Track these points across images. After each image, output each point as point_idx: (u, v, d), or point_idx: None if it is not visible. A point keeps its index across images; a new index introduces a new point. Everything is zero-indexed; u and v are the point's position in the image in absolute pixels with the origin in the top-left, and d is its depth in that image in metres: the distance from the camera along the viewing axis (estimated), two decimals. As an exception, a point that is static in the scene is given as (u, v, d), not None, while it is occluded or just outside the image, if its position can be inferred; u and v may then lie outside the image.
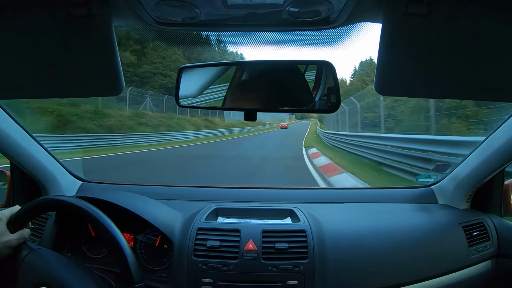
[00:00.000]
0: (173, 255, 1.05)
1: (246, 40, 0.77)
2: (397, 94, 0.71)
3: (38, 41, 0.63)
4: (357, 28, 0.71)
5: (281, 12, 0.65)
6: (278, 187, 1.60)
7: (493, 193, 1.30)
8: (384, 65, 0.62)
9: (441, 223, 1.22)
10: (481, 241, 1.19)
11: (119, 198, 1.14)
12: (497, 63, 0.60)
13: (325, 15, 0.66)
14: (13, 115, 1.18)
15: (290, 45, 0.78)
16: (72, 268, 0.85)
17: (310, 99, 0.75)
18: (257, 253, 1.01)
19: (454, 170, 1.36)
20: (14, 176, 1.38)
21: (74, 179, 1.51)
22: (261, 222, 1.14)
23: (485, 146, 1.19)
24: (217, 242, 1.04)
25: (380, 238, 1.10)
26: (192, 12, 0.65)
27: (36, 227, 1.20)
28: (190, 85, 0.81)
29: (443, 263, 1.11)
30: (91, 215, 0.85)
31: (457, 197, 1.33)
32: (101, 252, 1.16)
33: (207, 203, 1.29)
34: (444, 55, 0.59)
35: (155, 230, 1.10)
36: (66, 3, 0.57)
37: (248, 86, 0.78)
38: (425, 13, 0.54)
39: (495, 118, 5.14)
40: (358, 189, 1.57)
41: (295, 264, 1.00)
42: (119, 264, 0.82)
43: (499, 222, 1.25)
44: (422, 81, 0.64)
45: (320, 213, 1.20)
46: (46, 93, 0.79)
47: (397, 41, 0.59)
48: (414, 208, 1.36)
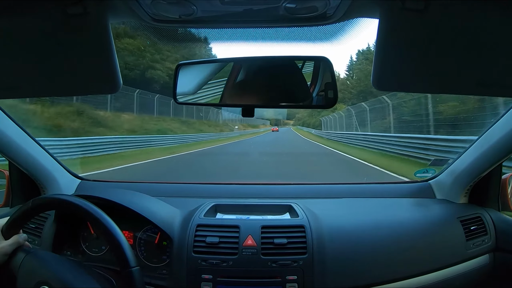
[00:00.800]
0: (172, 252, 1.06)
1: (243, 37, 0.77)
2: (394, 89, 0.72)
3: (34, 40, 0.63)
4: (354, 24, 0.71)
5: (278, 8, 0.65)
6: (277, 182, 1.60)
7: (490, 187, 1.31)
8: (381, 60, 0.62)
9: (439, 218, 1.22)
10: (479, 235, 1.20)
11: (117, 196, 1.15)
12: (493, 58, 0.60)
13: (322, 11, 0.66)
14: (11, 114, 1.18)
15: (287, 41, 0.78)
16: (71, 266, 0.86)
17: (308, 95, 0.75)
18: (256, 249, 1.02)
19: (452, 165, 1.37)
20: (12, 175, 1.38)
21: (73, 178, 1.51)
22: (260, 218, 1.15)
23: (483, 140, 1.20)
24: (217, 238, 1.04)
25: (378, 233, 1.11)
26: (189, 9, 0.65)
27: (35, 226, 1.20)
28: (187, 82, 0.81)
29: (441, 257, 1.12)
30: (90, 213, 0.86)
31: (455, 192, 1.34)
32: (101, 250, 1.16)
33: (206, 199, 1.29)
34: (440, 50, 0.59)
35: (154, 227, 1.11)
36: (62, 2, 0.57)
37: (246, 82, 0.78)
38: (422, 9, 0.54)
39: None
40: (356, 184, 1.58)
41: (294, 259, 1.01)
42: (114, 253, 0.83)
43: (496, 216, 1.26)
44: (418, 76, 0.64)
45: (318, 209, 1.20)
46: (43, 92, 0.79)
47: (394, 37, 0.59)
48: (412, 203, 1.37)
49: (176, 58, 20.31)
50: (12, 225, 0.89)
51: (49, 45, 0.63)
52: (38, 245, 1.17)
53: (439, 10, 0.54)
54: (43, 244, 1.16)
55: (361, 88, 26.18)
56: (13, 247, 0.86)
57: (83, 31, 0.61)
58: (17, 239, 0.88)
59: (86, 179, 1.55)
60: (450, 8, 0.54)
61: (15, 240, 0.87)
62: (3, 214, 1.32)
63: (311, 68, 0.75)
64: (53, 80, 0.70)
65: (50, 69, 0.67)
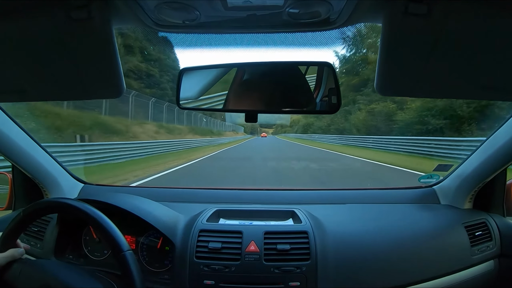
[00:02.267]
0: (175, 257, 1.05)
1: (247, 42, 0.77)
2: (398, 94, 0.71)
3: (39, 44, 0.63)
4: (357, 28, 0.71)
5: (281, 14, 0.65)
6: (280, 188, 1.60)
7: (495, 192, 1.29)
8: (384, 65, 0.62)
9: (443, 224, 1.21)
10: (484, 241, 1.19)
11: (120, 200, 1.15)
12: (497, 62, 0.60)
13: (325, 16, 0.66)
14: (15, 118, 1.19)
15: (290, 46, 0.78)
16: (72, 269, 0.86)
17: (311, 100, 0.75)
18: (259, 255, 1.01)
19: (456, 170, 1.36)
20: (15, 178, 1.38)
21: (76, 182, 1.51)
22: (262, 224, 1.14)
23: (487, 145, 1.19)
24: (219, 244, 1.04)
25: (382, 239, 1.10)
26: (192, 14, 0.65)
27: (37, 230, 1.20)
28: (191, 87, 0.81)
29: (446, 263, 1.11)
30: (91, 217, 0.86)
31: (459, 197, 1.33)
32: (103, 255, 1.16)
33: (209, 205, 1.29)
34: (444, 54, 0.59)
35: (157, 232, 1.10)
36: (66, 6, 0.57)
37: (249, 87, 0.78)
38: (425, 13, 0.54)
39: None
40: (359, 189, 1.57)
41: (297, 265, 1.00)
42: (115, 256, 0.83)
43: (501, 222, 1.25)
44: (422, 81, 0.64)
45: (322, 214, 1.19)
46: (47, 96, 0.79)
47: (397, 41, 0.59)
48: (416, 209, 1.36)
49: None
50: (6, 239, 0.90)
51: (53, 49, 0.63)
52: (40, 249, 1.17)
53: (442, 15, 0.54)
54: (45, 247, 1.16)
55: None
56: (7, 260, 0.86)
57: (87, 35, 0.62)
58: (13, 253, 0.88)
59: (89, 183, 1.56)
60: (453, 12, 0.53)
61: (10, 254, 0.87)
62: (5, 217, 1.32)
63: (315, 74, 0.75)
64: (57, 84, 0.71)
65: (54, 73, 0.68)
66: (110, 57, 0.65)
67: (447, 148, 8.89)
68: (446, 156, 8.55)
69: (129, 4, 0.62)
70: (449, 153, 8.59)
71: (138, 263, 0.84)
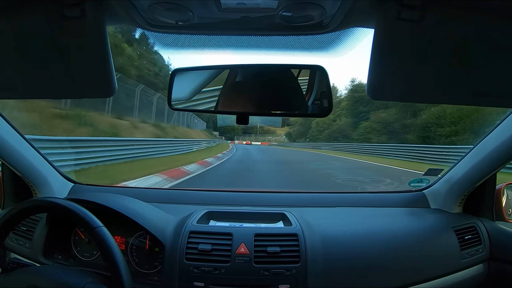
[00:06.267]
0: (164, 258, 1.05)
1: (239, 44, 0.76)
2: (389, 99, 0.72)
3: (31, 41, 0.62)
4: (350, 33, 0.71)
5: (274, 17, 0.65)
6: (271, 190, 1.60)
7: (485, 197, 1.31)
8: (376, 70, 0.63)
9: (433, 227, 1.22)
10: (473, 245, 1.20)
11: (110, 200, 1.13)
12: (487, 68, 0.60)
13: (318, 20, 0.66)
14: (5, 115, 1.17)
15: (283, 49, 0.78)
16: (60, 267, 0.85)
17: (303, 103, 0.76)
18: (249, 257, 1.01)
19: (446, 175, 1.37)
20: (5, 177, 1.36)
21: (66, 181, 1.50)
22: (253, 226, 1.14)
23: (477, 150, 1.20)
24: (209, 246, 1.03)
25: (372, 242, 1.10)
26: (185, 15, 0.65)
27: (26, 229, 1.19)
28: (183, 88, 0.81)
29: (436, 266, 1.12)
30: (80, 217, 0.85)
31: (449, 201, 1.34)
32: (92, 255, 1.15)
33: (199, 206, 1.28)
34: (435, 60, 0.60)
35: (147, 233, 1.09)
36: (59, 4, 0.57)
37: (241, 89, 0.78)
38: (417, 19, 0.54)
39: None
40: (350, 193, 1.58)
41: (287, 268, 1.00)
42: (106, 259, 0.82)
43: (491, 226, 1.26)
44: (413, 86, 0.65)
45: (312, 217, 1.20)
46: (39, 94, 0.78)
47: (389, 46, 0.60)
48: (407, 212, 1.37)
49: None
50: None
51: (45, 47, 0.63)
52: (29, 248, 1.15)
53: (434, 21, 0.54)
54: (34, 247, 1.14)
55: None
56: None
57: (79, 33, 0.61)
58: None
59: (79, 182, 1.54)
60: (445, 19, 0.54)
61: None
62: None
63: (307, 77, 0.75)
64: (49, 82, 0.70)
65: (45, 70, 0.67)
66: (103, 55, 0.65)
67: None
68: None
69: (122, 3, 0.62)
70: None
71: (127, 264, 0.83)
